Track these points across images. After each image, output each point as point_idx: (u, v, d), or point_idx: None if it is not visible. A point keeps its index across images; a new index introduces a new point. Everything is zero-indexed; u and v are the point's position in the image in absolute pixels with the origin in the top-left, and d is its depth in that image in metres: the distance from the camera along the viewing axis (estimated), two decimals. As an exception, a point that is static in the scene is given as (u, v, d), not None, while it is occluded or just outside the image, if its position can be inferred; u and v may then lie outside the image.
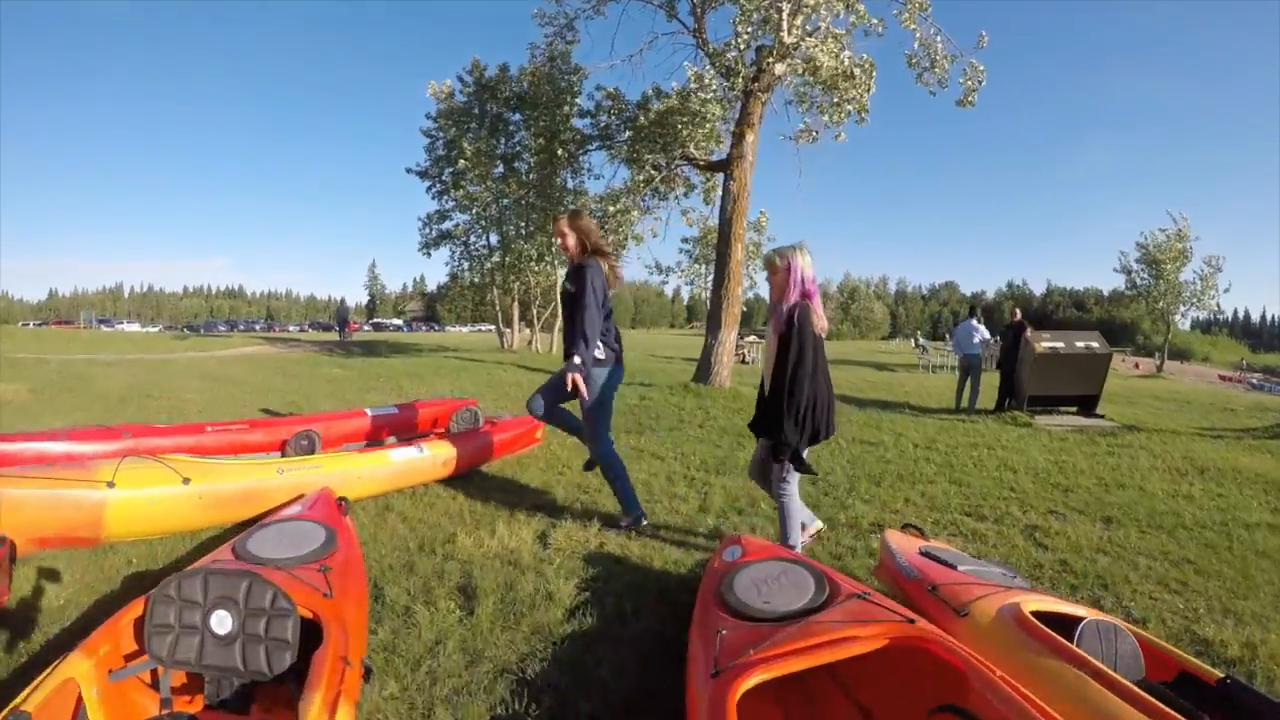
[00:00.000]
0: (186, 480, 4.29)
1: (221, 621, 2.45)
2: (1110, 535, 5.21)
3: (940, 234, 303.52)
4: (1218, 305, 31.72)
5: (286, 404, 10.25)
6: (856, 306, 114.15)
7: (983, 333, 12.99)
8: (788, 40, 12.25)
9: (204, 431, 5.29)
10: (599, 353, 4.74)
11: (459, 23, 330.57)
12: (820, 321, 3.95)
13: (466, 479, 6.02)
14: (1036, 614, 2.66)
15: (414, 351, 24.95)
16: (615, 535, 4.71)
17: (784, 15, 12.14)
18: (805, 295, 3.98)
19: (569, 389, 4.63)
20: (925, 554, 3.46)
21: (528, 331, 29.07)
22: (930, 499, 5.99)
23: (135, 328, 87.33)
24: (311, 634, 2.44)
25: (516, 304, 27.84)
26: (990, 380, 13.56)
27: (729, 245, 13.52)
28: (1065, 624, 2.59)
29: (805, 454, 4.04)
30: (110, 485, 4.06)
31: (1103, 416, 11.65)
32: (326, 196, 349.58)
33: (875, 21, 12.92)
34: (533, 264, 23.94)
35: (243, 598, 2.45)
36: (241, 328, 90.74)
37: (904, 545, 3.64)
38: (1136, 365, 36.83)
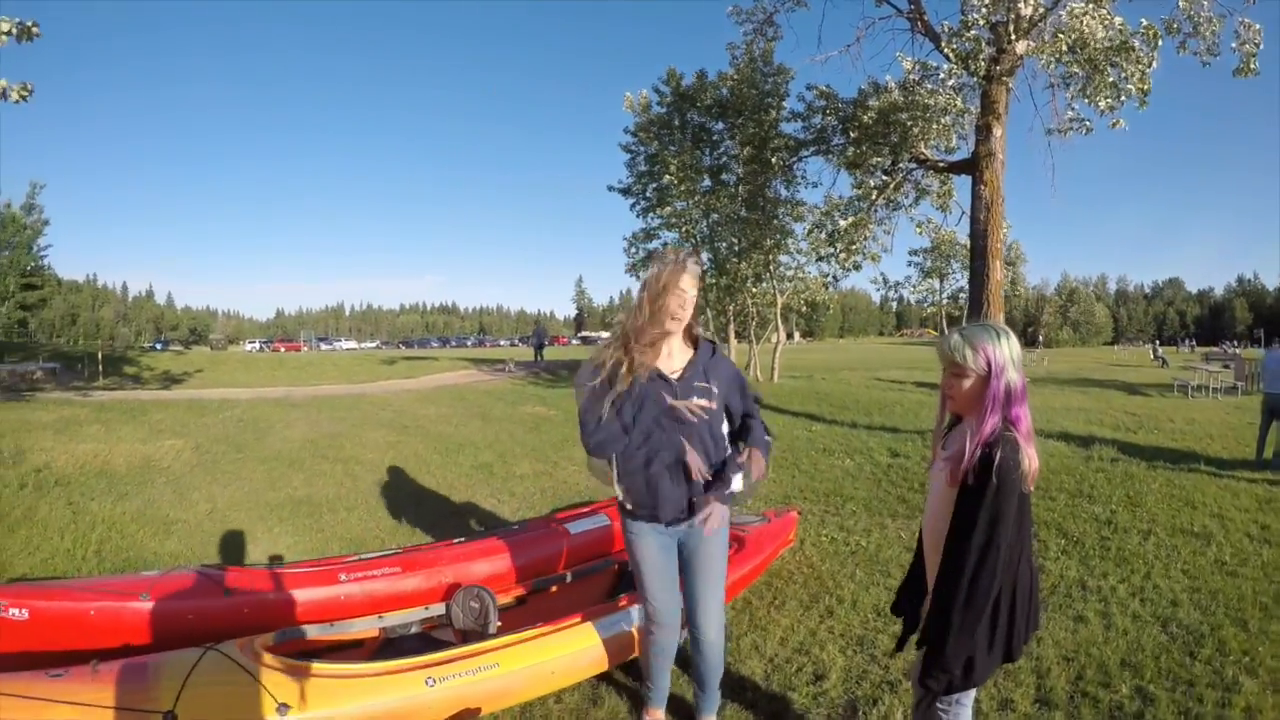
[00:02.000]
0: (284, 708, 2.79)
1: None
2: None
3: (1162, 223, 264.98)
4: None
5: (478, 466, 9.21)
6: (1076, 310, 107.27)
7: None
8: (1025, 12, 10.54)
9: (338, 581, 3.82)
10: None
11: (659, 29, 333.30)
12: (1031, 465, 2.18)
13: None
14: None
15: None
16: None
17: (1018, -16, 10.47)
18: (1011, 420, 2.22)
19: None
20: None
21: (736, 343, 27.33)
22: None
23: (352, 345, 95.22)
24: None
25: (732, 324, 26.28)
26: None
27: (986, 263, 11.66)
28: None
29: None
30: (170, 716, 2.66)
31: None
32: (532, 212, 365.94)
33: None
34: (749, 284, 22.38)
35: None
36: (453, 343, 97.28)
37: None
38: None
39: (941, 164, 13.74)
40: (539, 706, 3.52)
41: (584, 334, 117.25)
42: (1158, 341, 63.30)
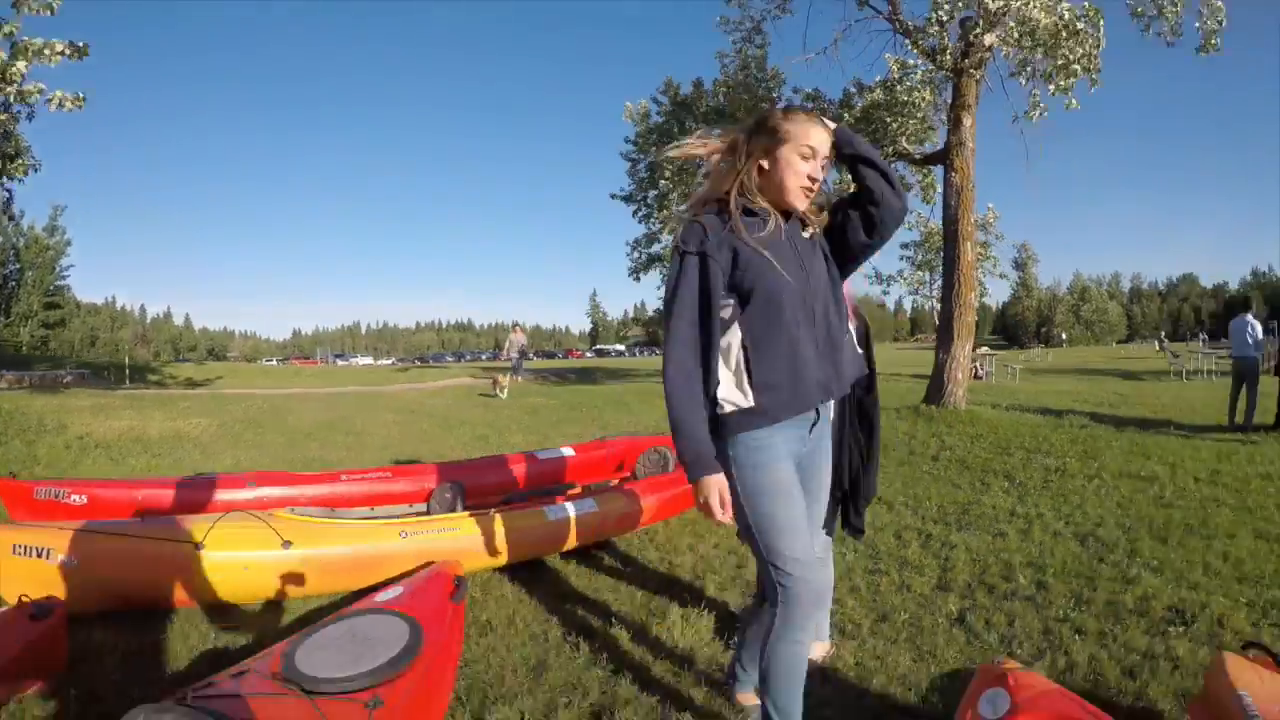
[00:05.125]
0: (288, 544, 3.75)
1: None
2: None
3: (1173, 219, 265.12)
4: None
5: (475, 437, 10.12)
6: (1089, 309, 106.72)
7: (1256, 331, 11.15)
8: (993, 6, 11.16)
9: (338, 480, 4.84)
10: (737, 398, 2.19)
11: (660, 33, 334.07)
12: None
13: (649, 537, 5.13)
14: None
15: (630, 376, 24.99)
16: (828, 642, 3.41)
17: (983, -21, 11.15)
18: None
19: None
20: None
21: None
22: (1235, 564, 4.41)
23: (368, 361, 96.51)
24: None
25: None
26: (1267, 387, 11.31)
27: (957, 246, 12.50)
28: None
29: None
30: (199, 546, 3.63)
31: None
32: (547, 226, 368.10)
33: None
34: None
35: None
36: (468, 358, 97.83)
37: (1256, 686, 2.21)
38: None
39: (918, 156, 14.60)
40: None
41: (599, 347, 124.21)
42: (1162, 335, 64.30)
